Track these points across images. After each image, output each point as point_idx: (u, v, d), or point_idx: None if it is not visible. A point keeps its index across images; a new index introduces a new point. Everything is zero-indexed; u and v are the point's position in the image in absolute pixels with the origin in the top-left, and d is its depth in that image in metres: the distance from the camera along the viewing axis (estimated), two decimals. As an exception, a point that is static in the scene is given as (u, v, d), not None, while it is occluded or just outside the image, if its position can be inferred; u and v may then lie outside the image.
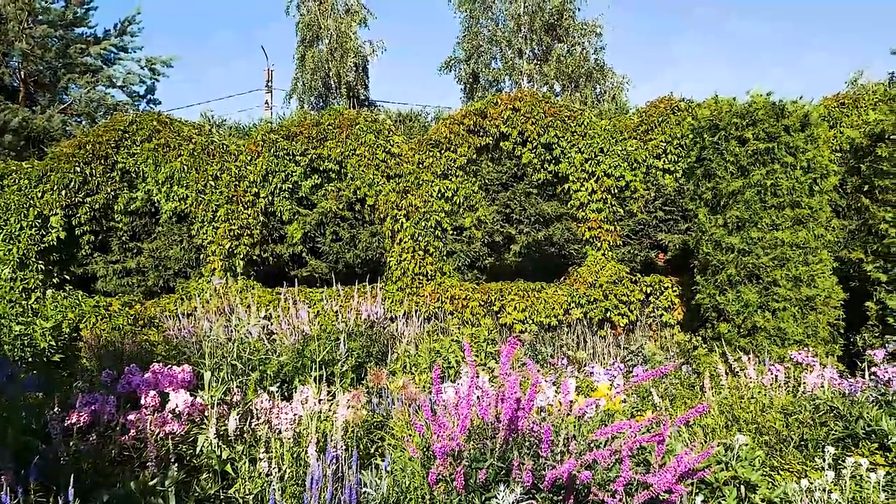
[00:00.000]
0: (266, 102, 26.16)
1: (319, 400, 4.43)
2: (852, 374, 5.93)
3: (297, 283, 9.29)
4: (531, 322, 8.70)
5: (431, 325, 8.68)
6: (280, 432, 3.99)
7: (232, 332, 5.35)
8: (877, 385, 4.93)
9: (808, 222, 6.65)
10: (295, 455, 3.89)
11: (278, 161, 9.44)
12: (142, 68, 20.63)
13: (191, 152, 9.43)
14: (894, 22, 60.26)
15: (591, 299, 8.63)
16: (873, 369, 5.10)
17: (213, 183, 9.43)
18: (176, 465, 3.92)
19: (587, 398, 3.98)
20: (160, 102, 21.20)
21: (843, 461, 3.37)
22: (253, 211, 9.51)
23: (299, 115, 10.44)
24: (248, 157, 9.49)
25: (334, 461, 3.35)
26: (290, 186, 9.62)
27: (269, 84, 25.90)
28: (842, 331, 6.81)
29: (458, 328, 8.39)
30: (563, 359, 7.25)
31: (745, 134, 6.74)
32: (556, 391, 4.23)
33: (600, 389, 4.35)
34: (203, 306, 6.62)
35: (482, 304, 8.84)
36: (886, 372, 4.95)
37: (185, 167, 9.42)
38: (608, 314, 8.62)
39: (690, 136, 7.47)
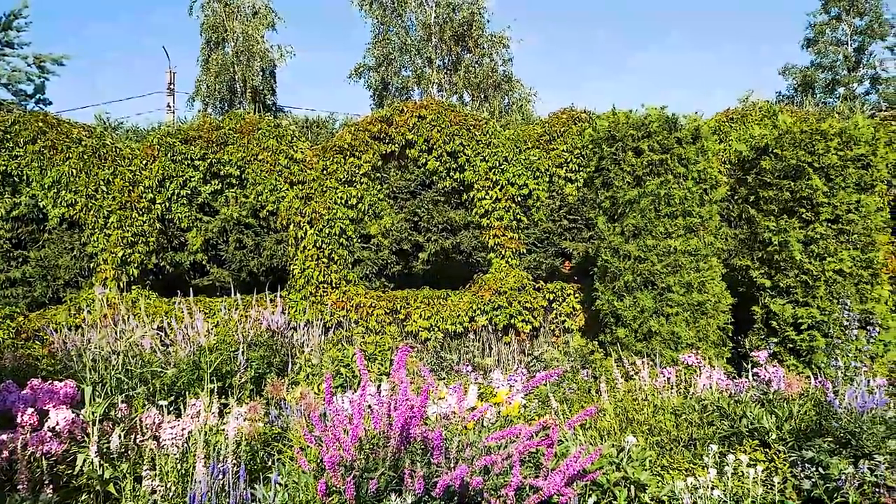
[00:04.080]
0: (168, 106, 25.23)
1: (213, 413, 4.25)
2: (739, 375, 6.22)
3: (199, 293, 8.96)
4: (437, 329, 8.70)
5: (336, 334, 8.54)
6: (169, 448, 3.80)
7: (118, 344, 5.07)
8: (759, 385, 5.19)
9: (699, 230, 6.95)
10: (183, 472, 3.71)
11: (176, 165, 9.08)
12: (29, 66, 19.44)
13: (80, 155, 8.94)
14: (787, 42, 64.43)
15: (496, 306, 8.72)
16: (756, 370, 5.37)
17: (104, 188, 8.97)
18: (51, 486, 3.66)
19: (486, 404, 3.99)
20: (51, 103, 20.04)
21: (726, 458, 3.51)
22: (149, 217, 9.10)
23: (199, 118, 10.09)
24: (144, 161, 9.08)
25: (222, 476, 3.21)
26: (189, 192, 9.27)
27: (172, 87, 25.00)
28: (731, 334, 7.14)
29: (363, 337, 8.30)
30: (468, 366, 7.27)
31: (641, 145, 6.98)
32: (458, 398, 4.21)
33: (500, 395, 4.37)
34: (90, 317, 6.26)
35: (387, 312, 8.78)
36: (768, 372, 5.21)
37: (75, 171, 8.92)
38: (513, 321, 8.74)
39: (590, 146, 7.67)
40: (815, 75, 30.43)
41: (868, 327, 5.43)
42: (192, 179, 9.18)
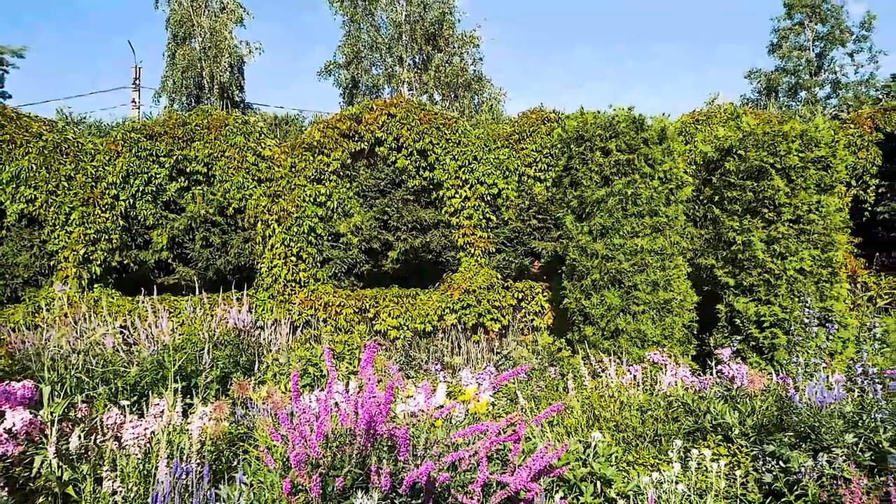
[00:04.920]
0: (133, 101, 24.81)
1: (177, 413, 4.19)
2: (704, 372, 6.31)
3: (164, 292, 8.82)
4: (406, 328, 8.68)
5: (304, 333, 8.48)
6: (131, 449, 3.74)
7: (79, 343, 4.97)
8: (723, 382, 5.26)
9: (665, 230, 7.03)
10: (145, 472, 3.64)
11: (141, 162, 8.93)
12: (-13, 57, 19.01)
13: (40, 150, 8.74)
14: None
15: (465, 305, 8.73)
16: (720, 367, 5.44)
17: (66, 183, 8.78)
18: (7, 489, 3.57)
19: (454, 401, 3.98)
20: (10, 96, 19.65)
21: (691, 453, 3.55)
22: (112, 214, 8.93)
23: (165, 114, 9.93)
24: (107, 157, 8.91)
25: (185, 475, 3.16)
26: (154, 189, 9.12)
27: (137, 82, 24.59)
28: (696, 332, 7.24)
29: (332, 336, 8.25)
30: (436, 364, 7.26)
31: (609, 145, 7.04)
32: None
33: (468, 393, 4.37)
34: (50, 316, 6.13)
35: (356, 310, 8.74)
36: (731, 369, 5.29)
37: (34, 166, 8.72)
38: (481, 319, 8.76)
39: (559, 146, 7.72)
40: (779, 79, 31.02)
41: (827, 325, 5.54)
42: (158, 176, 9.04)
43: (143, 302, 7.32)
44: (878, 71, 29.83)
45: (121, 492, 3.45)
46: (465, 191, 9.05)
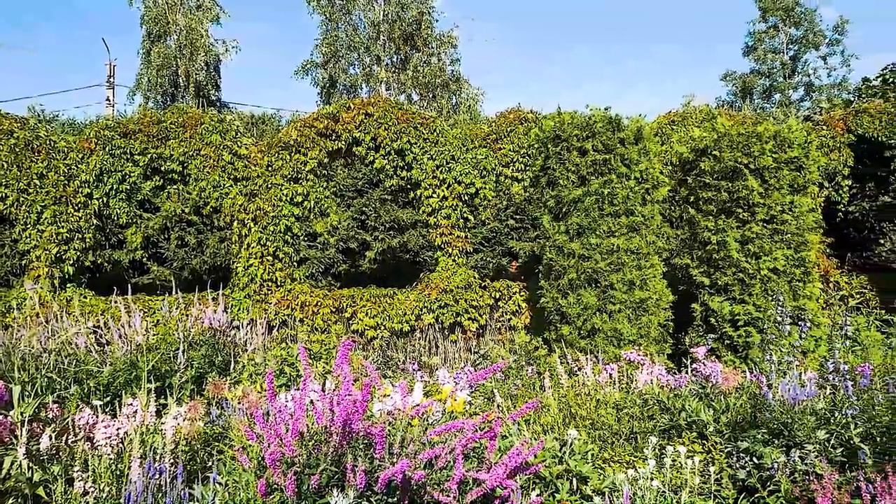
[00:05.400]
0: (108, 100, 24.50)
1: (150, 413, 4.14)
2: (679, 371, 6.36)
3: (139, 292, 8.71)
4: (383, 328, 8.66)
5: (280, 333, 8.42)
6: (103, 449, 3.68)
7: (50, 342, 4.89)
8: (698, 380, 5.32)
9: (642, 229, 7.08)
10: (118, 473, 3.59)
11: (115, 160, 8.81)
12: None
13: (11, 148, 8.59)
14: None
15: (443, 304, 8.73)
16: (695, 365, 5.50)
17: (38, 182, 8.64)
18: (-26, 491, 3.50)
19: (431, 399, 3.98)
20: (-19, 94, 19.27)
21: (666, 450, 3.58)
22: (85, 213, 8.81)
23: (140, 112, 9.80)
24: (80, 155, 8.79)
25: (158, 475, 3.12)
26: (129, 187, 9.01)
27: (111, 79, 24.28)
28: (671, 331, 7.30)
29: (308, 336, 8.20)
30: (414, 364, 7.25)
31: (585, 145, 7.08)
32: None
33: (444, 391, 4.37)
34: (21, 315, 6.03)
35: (333, 310, 8.69)
36: (706, 367, 5.34)
37: (6, 164, 8.57)
38: (459, 319, 8.76)
39: (536, 146, 7.75)
40: (753, 81, 31.42)
41: (800, 323, 5.62)
42: (132, 174, 8.93)
43: (116, 301, 7.22)
44: (850, 74, 30.39)
45: (93, 492, 3.40)
46: (443, 190, 9.05)
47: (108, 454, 3.55)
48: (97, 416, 4.02)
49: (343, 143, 9.11)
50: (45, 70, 59.01)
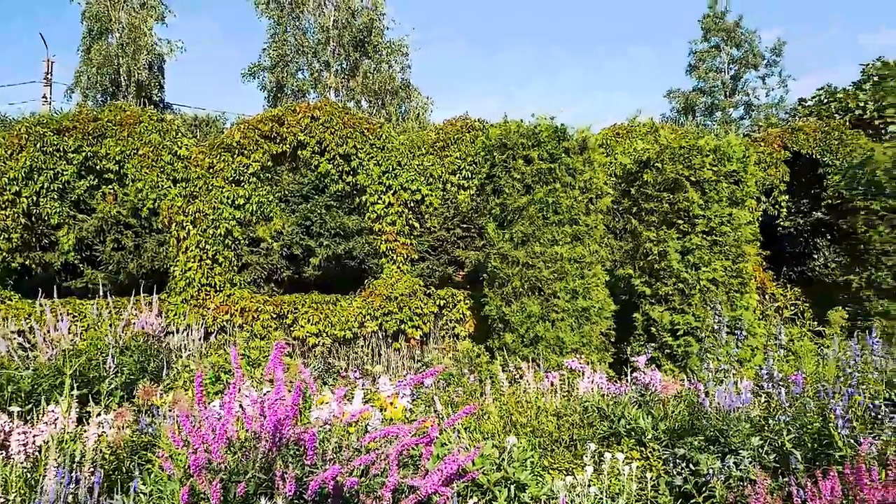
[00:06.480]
0: (44, 97, 23.64)
1: (72, 420, 3.94)
2: (620, 379, 6.40)
3: (71, 295, 8.35)
4: (325, 335, 8.51)
5: (219, 339, 8.19)
6: (16, 458, 3.47)
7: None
8: (638, 388, 5.35)
9: (585, 238, 7.13)
10: (32, 482, 3.39)
11: (46, 157, 8.45)
12: None
13: (-66, 142, 8.17)
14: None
15: (387, 312, 8.62)
16: (636, 374, 5.53)
17: (-38, 178, 8.23)
18: None
19: (369, 405, 3.89)
20: None
21: (604, 457, 3.57)
22: (12, 212, 8.42)
23: (76, 109, 9.42)
24: (9, 151, 8.40)
25: (75, 484, 2.95)
26: (61, 186, 8.65)
27: (49, 76, 23.44)
28: (613, 340, 7.36)
29: (247, 342, 7.99)
30: (356, 372, 7.12)
31: (531, 154, 7.10)
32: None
33: (382, 398, 4.28)
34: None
35: (274, 316, 8.50)
36: (646, 376, 5.38)
37: (-73, 159, 8.14)
38: (403, 326, 8.66)
39: (483, 153, 7.75)
40: (696, 99, 32.27)
41: (737, 332, 5.72)
42: (65, 173, 8.58)
43: (39, 303, 6.90)
44: (787, 94, 31.49)
45: (2, 503, 3.19)
46: (389, 196, 8.96)
47: (22, 463, 3.34)
48: (13, 423, 3.79)
49: (288, 146, 8.94)
50: (-22, 65, 56.61)
